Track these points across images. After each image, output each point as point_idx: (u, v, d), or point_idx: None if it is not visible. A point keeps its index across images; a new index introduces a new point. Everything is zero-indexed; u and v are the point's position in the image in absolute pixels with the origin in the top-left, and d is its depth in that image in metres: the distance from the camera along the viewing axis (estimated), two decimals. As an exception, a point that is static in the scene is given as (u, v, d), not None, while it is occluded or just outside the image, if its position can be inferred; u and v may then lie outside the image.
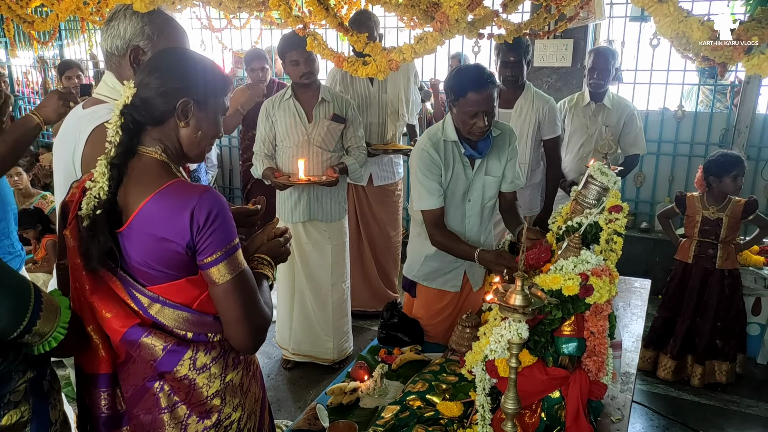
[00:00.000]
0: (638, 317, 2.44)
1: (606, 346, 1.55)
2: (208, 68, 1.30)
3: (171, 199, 1.18)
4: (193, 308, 1.24)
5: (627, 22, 4.33)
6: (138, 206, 1.18)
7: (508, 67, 3.13)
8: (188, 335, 1.25)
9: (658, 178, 4.46)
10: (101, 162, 1.21)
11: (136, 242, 1.19)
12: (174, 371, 1.24)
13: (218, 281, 1.21)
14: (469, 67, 2.23)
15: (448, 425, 1.68)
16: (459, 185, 2.28)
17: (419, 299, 2.45)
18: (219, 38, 5.52)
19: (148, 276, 1.22)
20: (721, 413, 3.02)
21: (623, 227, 1.77)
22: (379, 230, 3.90)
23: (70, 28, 6.77)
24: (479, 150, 2.24)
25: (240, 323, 1.24)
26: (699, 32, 1.05)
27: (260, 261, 1.41)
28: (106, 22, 1.55)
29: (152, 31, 1.55)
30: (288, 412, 3.04)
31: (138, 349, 1.22)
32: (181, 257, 1.20)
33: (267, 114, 3.12)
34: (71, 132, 1.54)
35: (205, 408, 1.27)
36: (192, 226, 1.17)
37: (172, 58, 1.29)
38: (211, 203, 1.18)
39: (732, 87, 4.43)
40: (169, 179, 1.22)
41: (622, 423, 1.75)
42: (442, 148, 2.24)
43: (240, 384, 1.34)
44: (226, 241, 1.21)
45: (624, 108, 3.45)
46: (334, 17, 1.62)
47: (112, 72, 1.60)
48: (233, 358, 1.33)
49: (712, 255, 3.14)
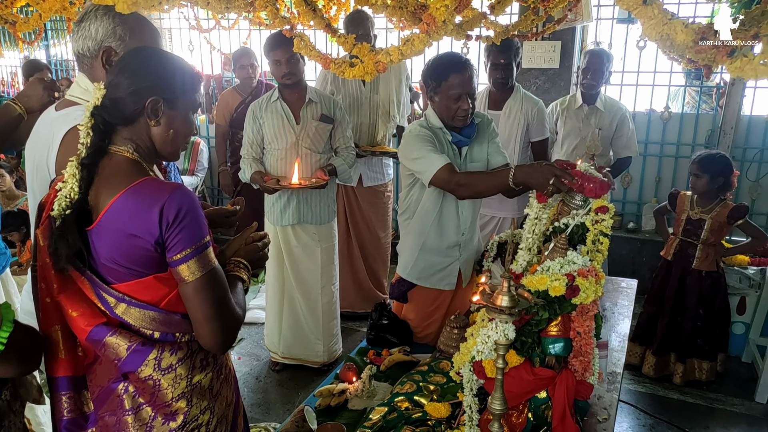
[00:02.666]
0: (625, 317, 2.46)
1: (592, 346, 1.56)
2: (178, 66, 1.30)
3: (141, 196, 1.18)
4: (160, 307, 1.24)
5: (614, 24, 4.36)
6: (108, 203, 1.18)
7: (499, 69, 3.14)
8: (155, 335, 1.24)
9: (644, 178, 4.49)
10: (71, 163, 1.21)
11: (105, 239, 1.19)
12: (138, 371, 1.23)
13: (188, 279, 1.20)
14: (444, 54, 2.26)
15: (436, 426, 1.68)
16: None
17: (411, 303, 2.43)
18: (207, 39, 5.49)
19: (116, 273, 1.22)
20: (707, 411, 3.05)
21: (609, 228, 1.78)
22: (369, 231, 3.90)
23: (56, 28, 6.70)
24: (466, 135, 2.25)
25: (209, 322, 1.23)
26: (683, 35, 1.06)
27: (236, 264, 1.41)
28: (77, 23, 1.53)
29: (124, 31, 1.52)
30: (276, 414, 3.03)
31: (103, 348, 1.22)
32: (149, 254, 1.20)
33: (254, 116, 3.10)
34: (45, 134, 1.52)
35: (171, 410, 1.26)
36: (161, 223, 1.16)
37: (141, 57, 1.29)
38: (181, 200, 1.18)
39: (717, 88, 4.48)
40: (140, 177, 1.22)
41: (609, 422, 1.76)
42: (432, 133, 2.22)
43: (209, 387, 1.34)
44: (197, 239, 1.20)
45: (617, 110, 3.47)
46: (322, 18, 1.62)
47: (84, 73, 1.58)
48: (201, 359, 1.32)
49: (691, 255, 3.17)
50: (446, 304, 2.42)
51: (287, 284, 3.25)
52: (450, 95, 2.14)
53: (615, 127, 3.44)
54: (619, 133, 3.44)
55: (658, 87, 4.35)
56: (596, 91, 3.42)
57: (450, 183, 2.11)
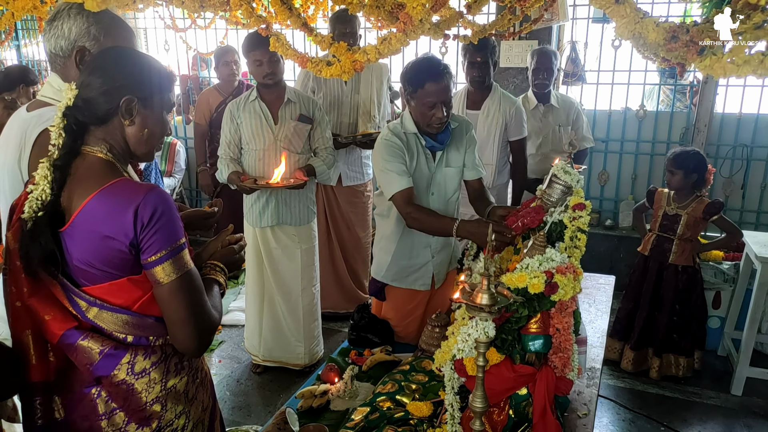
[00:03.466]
0: (603, 313, 2.49)
1: (571, 343, 1.58)
2: (152, 65, 1.29)
3: (115, 197, 1.17)
4: (133, 310, 1.22)
5: (590, 23, 4.41)
6: (81, 204, 1.16)
7: (475, 67, 3.15)
8: (128, 338, 1.22)
9: (621, 176, 4.55)
10: (43, 164, 1.19)
11: (78, 240, 1.17)
12: (111, 376, 1.21)
13: (163, 281, 1.19)
14: (423, 58, 2.25)
15: (418, 425, 1.68)
16: (422, 178, 2.28)
17: (389, 301, 2.44)
18: (183, 38, 5.42)
19: (89, 275, 1.19)
20: (685, 405, 3.10)
21: (587, 224, 1.80)
22: (349, 231, 3.89)
23: (27, 27, 6.57)
24: (440, 141, 2.26)
25: (185, 325, 1.21)
26: (654, 33, 1.08)
27: (213, 267, 1.40)
28: (49, 22, 1.50)
29: (98, 31, 1.50)
30: (258, 417, 3.00)
31: (75, 352, 1.20)
32: (123, 256, 1.18)
33: (231, 116, 3.07)
34: (16, 135, 1.49)
35: (145, 414, 1.25)
36: (136, 224, 1.15)
37: (114, 56, 1.27)
38: (156, 201, 1.16)
39: (691, 87, 4.56)
40: (114, 177, 1.20)
41: (589, 418, 1.77)
42: (405, 138, 2.25)
43: (185, 391, 1.32)
44: (172, 240, 1.19)
45: (570, 105, 3.58)
46: (299, 17, 1.61)
47: (57, 73, 1.55)
48: (176, 363, 1.30)
49: (668, 250, 3.22)
50: (424, 303, 2.43)
51: (267, 286, 3.23)
52: (425, 102, 2.14)
53: (572, 121, 3.53)
54: (576, 126, 3.55)
55: (633, 86, 4.41)
56: (548, 89, 3.48)
57: (402, 210, 2.21)
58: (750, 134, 4.19)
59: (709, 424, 2.95)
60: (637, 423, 2.94)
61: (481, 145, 3.24)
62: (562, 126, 3.50)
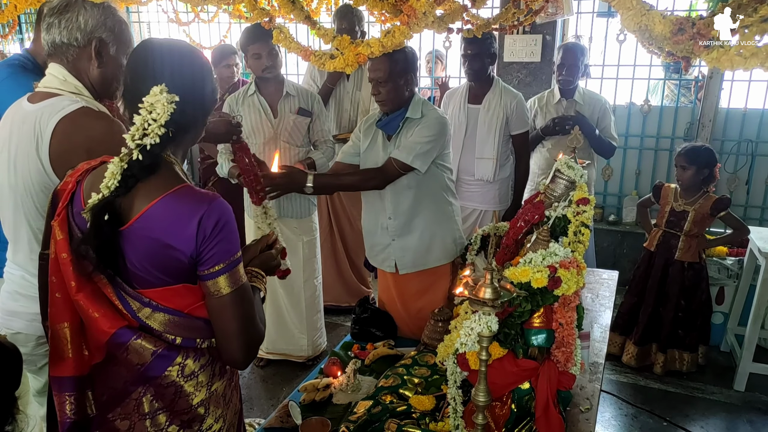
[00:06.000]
0: (606, 308, 2.49)
1: (574, 337, 1.58)
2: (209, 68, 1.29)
3: (179, 204, 1.14)
4: (184, 312, 1.20)
5: (594, 17, 4.39)
6: (144, 207, 1.13)
7: (467, 59, 3.15)
8: (177, 340, 1.19)
9: (625, 171, 4.54)
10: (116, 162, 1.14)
11: (137, 244, 1.14)
12: (162, 376, 1.19)
13: (218, 294, 1.16)
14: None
15: (421, 419, 1.68)
16: (375, 156, 2.35)
17: (378, 281, 2.59)
18: (186, 32, 5.42)
19: (143, 280, 1.17)
20: (687, 400, 3.10)
21: (590, 219, 1.80)
22: (351, 226, 3.89)
23: (31, 21, 6.56)
24: (383, 123, 2.33)
25: (236, 338, 1.19)
26: (661, 25, 1.07)
27: (255, 275, 1.37)
28: (59, 13, 1.52)
29: (113, 23, 1.55)
30: (261, 410, 3.01)
31: (126, 352, 1.17)
32: (182, 265, 1.15)
33: (231, 111, 3.06)
34: (25, 127, 1.50)
35: (188, 417, 1.23)
36: (198, 235, 1.12)
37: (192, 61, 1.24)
38: (219, 212, 1.14)
39: (696, 81, 4.53)
40: (178, 183, 1.16)
41: (591, 412, 1.77)
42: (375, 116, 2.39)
43: (223, 394, 1.31)
44: (231, 253, 1.17)
45: (596, 102, 3.48)
46: (301, 10, 1.60)
47: (61, 64, 1.56)
48: (220, 366, 1.29)
49: (674, 246, 3.21)
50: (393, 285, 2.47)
51: (269, 279, 3.22)
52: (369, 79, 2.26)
53: (596, 120, 3.45)
54: (601, 125, 3.46)
55: (637, 80, 4.39)
56: (573, 85, 3.43)
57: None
58: (755, 129, 4.17)
59: (712, 420, 2.95)
60: (640, 418, 2.94)
61: (482, 139, 3.23)
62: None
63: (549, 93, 3.55)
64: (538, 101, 3.57)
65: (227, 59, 4.01)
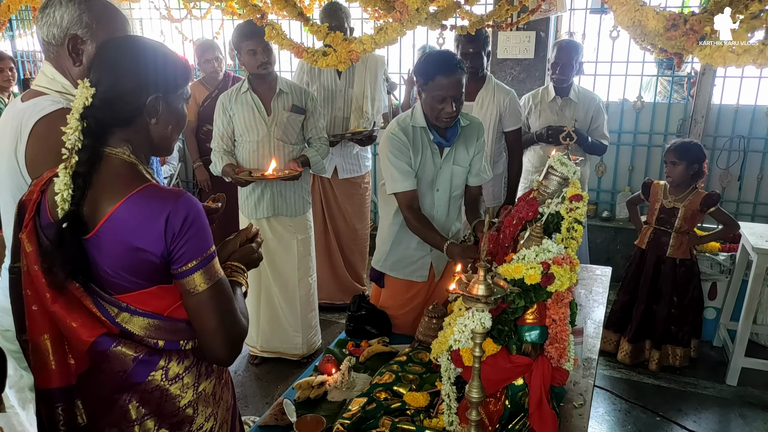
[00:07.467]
0: (599, 304, 2.50)
1: (567, 333, 1.58)
2: (169, 58, 1.22)
3: (144, 205, 1.11)
4: (164, 315, 1.18)
5: (587, 14, 4.40)
6: (107, 212, 1.10)
7: (468, 58, 3.14)
8: (159, 344, 1.17)
9: (618, 167, 4.56)
10: (63, 172, 1.11)
11: (106, 251, 1.11)
12: (146, 382, 1.17)
13: (193, 291, 1.15)
14: (439, 52, 2.26)
15: (415, 415, 1.68)
16: (427, 172, 2.28)
17: (387, 289, 2.45)
18: (179, 29, 5.39)
19: (117, 286, 1.15)
20: (680, 395, 3.12)
21: (583, 215, 1.80)
22: (345, 223, 3.89)
23: (21, 18, 6.50)
24: (447, 138, 2.25)
25: (216, 334, 1.17)
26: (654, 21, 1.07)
27: (234, 269, 1.34)
28: (41, 9, 1.47)
29: (91, 18, 1.46)
30: (255, 408, 3.01)
31: (108, 360, 1.15)
32: (154, 266, 1.13)
33: (224, 108, 3.05)
34: (12, 126, 1.47)
35: (177, 419, 1.22)
36: (167, 233, 1.10)
37: (131, 50, 1.19)
38: (187, 208, 1.11)
39: (689, 78, 4.56)
40: (140, 183, 1.13)
41: (585, 408, 1.78)
42: (411, 132, 2.25)
43: (212, 393, 1.29)
44: (203, 249, 1.14)
45: (590, 101, 3.48)
46: (294, 7, 1.59)
47: (50, 62, 1.52)
48: (206, 366, 1.27)
49: (665, 243, 3.22)
50: (422, 294, 2.43)
51: (264, 277, 3.23)
52: (435, 96, 2.13)
53: (591, 118, 3.46)
54: (594, 123, 3.47)
55: (630, 77, 4.40)
56: (568, 83, 3.43)
57: (402, 211, 2.27)
58: (747, 125, 4.19)
59: (704, 414, 2.97)
60: (633, 413, 2.95)
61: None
62: (579, 121, 3.43)
63: (543, 90, 3.55)
64: (532, 98, 3.56)
65: (205, 55, 4.01)
